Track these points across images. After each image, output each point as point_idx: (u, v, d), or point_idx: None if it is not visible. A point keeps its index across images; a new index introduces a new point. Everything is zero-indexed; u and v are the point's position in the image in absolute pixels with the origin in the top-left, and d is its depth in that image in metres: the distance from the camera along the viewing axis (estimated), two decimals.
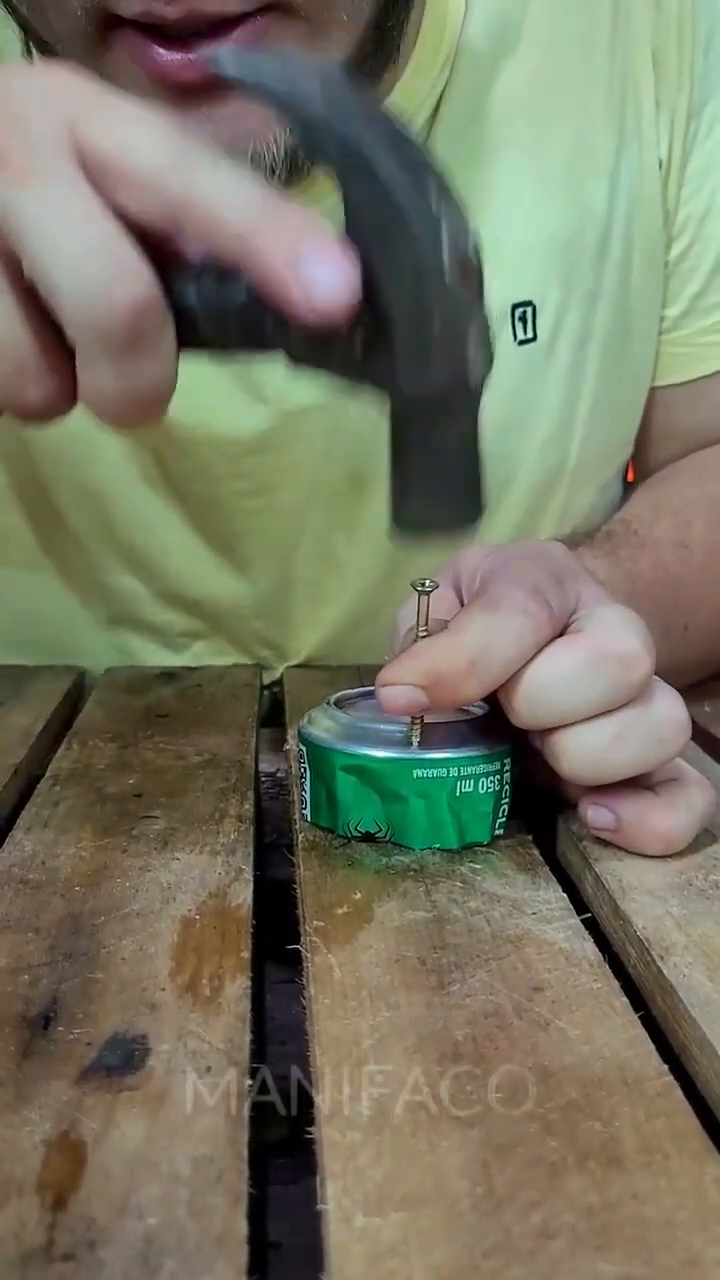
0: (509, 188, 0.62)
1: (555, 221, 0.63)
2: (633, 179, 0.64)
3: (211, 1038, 0.31)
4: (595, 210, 0.63)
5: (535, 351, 0.64)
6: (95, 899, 0.39)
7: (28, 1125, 0.27)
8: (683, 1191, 0.25)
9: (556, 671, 0.39)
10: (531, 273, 0.63)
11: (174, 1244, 0.24)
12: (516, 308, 0.63)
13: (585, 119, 0.63)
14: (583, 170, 0.63)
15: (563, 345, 0.64)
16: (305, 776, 0.44)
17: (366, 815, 0.42)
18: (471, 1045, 0.30)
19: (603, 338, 0.66)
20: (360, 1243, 0.24)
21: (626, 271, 0.65)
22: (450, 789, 0.41)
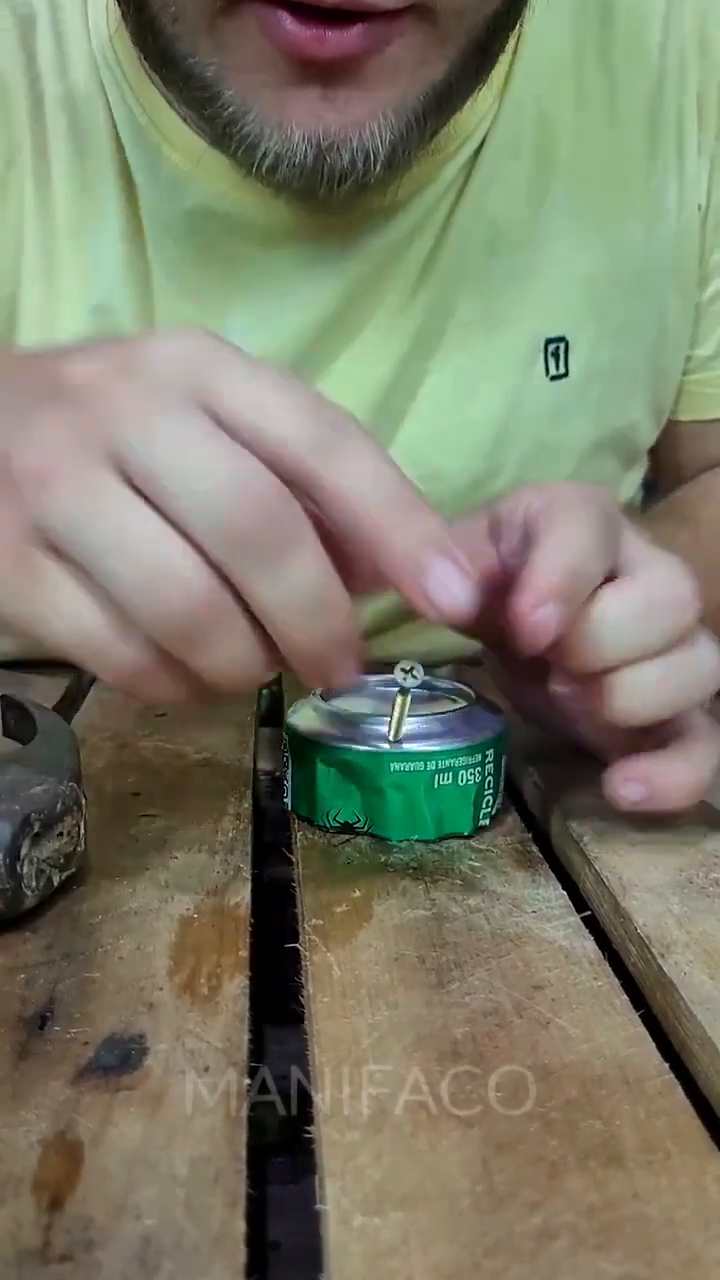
0: (549, 223, 0.62)
1: (592, 259, 0.63)
2: (672, 221, 0.65)
3: (210, 1037, 0.31)
4: (633, 249, 0.64)
5: (567, 387, 0.64)
6: (93, 898, 0.38)
7: (24, 1125, 0.27)
8: (684, 1190, 0.25)
9: (622, 612, 0.38)
10: (566, 309, 0.63)
11: (172, 1245, 0.24)
12: (550, 343, 0.63)
13: (626, 159, 0.63)
14: (621, 210, 0.63)
15: (595, 382, 0.65)
16: (289, 766, 0.45)
17: (345, 806, 0.42)
18: (471, 1044, 0.30)
19: (633, 374, 0.66)
20: (359, 1242, 0.24)
21: (662, 310, 0.66)
22: (427, 782, 0.41)
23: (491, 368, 0.63)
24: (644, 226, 0.64)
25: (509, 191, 0.62)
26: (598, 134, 0.63)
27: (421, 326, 0.62)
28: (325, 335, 0.61)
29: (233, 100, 0.48)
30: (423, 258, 0.61)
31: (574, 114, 0.62)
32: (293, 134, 0.48)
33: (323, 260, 0.59)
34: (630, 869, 0.40)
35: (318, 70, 0.46)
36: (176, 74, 0.50)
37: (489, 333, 0.63)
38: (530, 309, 0.63)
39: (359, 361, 0.62)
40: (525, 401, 0.64)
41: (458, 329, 0.62)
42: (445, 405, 0.63)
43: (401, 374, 0.62)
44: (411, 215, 0.60)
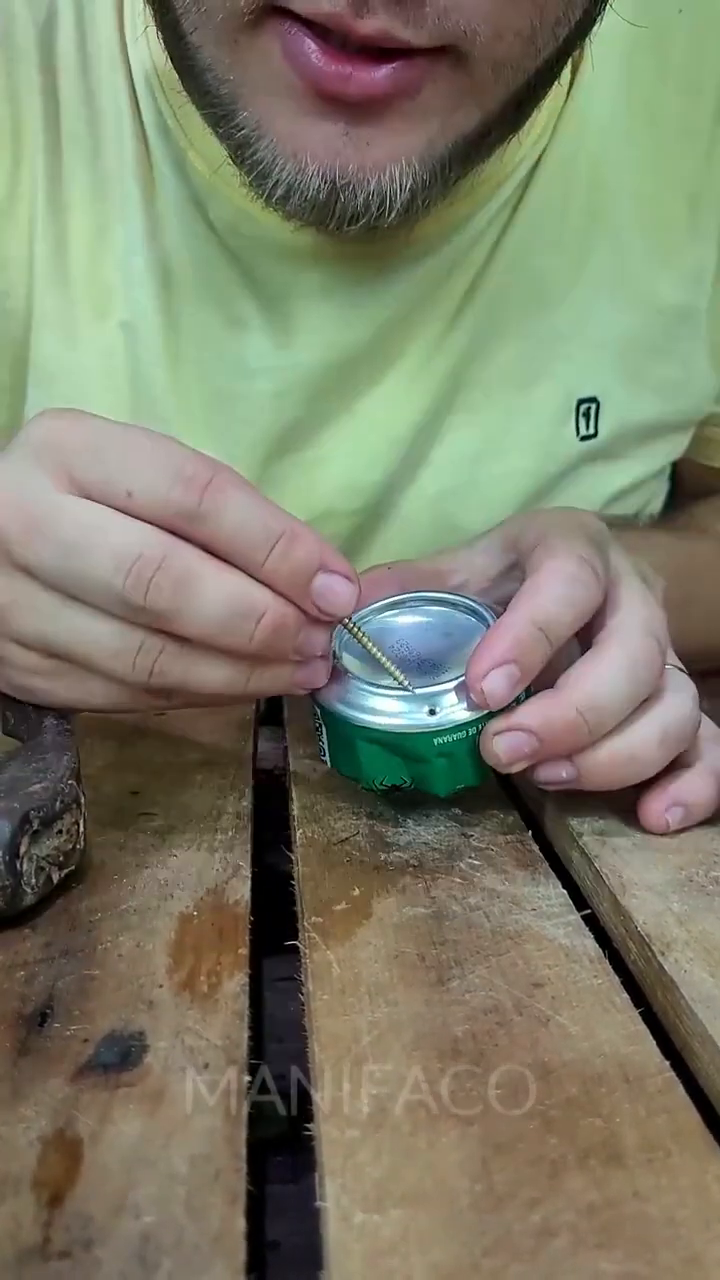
0: (590, 282, 0.62)
1: (628, 320, 0.63)
2: (708, 284, 0.64)
3: (209, 1035, 0.31)
4: (666, 311, 0.63)
5: (594, 449, 0.64)
6: (92, 896, 0.38)
7: (24, 1123, 0.27)
8: (684, 1189, 0.25)
9: (609, 689, 0.40)
10: (599, 369, 0.63)
11: (171, 1243, 0.24)
12: (582, 403, 0.63)
13: (668, 219, 0.62)
14: (659, 270, 0.63)
15: (622, 443, 0.64)
16: (322, 732, 0.44)
17: (391, 772, 0.43)
18: (471, 1042, 0.30)
19: (659, 435, 0.66)
20: (359, 1241, 0.24)
21: (689, 371, 0.65)
22: (470, 744, 0.42)
23: (521, 424, 0.62)
24: (679, 289, 0.63)
25: (554, 247, 0.60)
26: (644, 197, 0.61)
27: (451, 375, 0.61)
28: (349, 372, 0.60)
29: (248, 121, 0.46)
30: (456, 303, 0.60)
31: (623, 175, 0.61)
32: (307, 167, 0.45)
33: (349, 291, 0.58)
34: (630, 867, 0.40)
35: (342, 107, 0.44)
36: (196, 85, 0.48)
37: (521, 388, 0.62)
38: (565, 367, 0.62)
39: (384, 405, 0.61)
40: (553, 460, 0.63)
41: (489, 381, 0.61)
42: (470, 458, 0.62)
43: (427, 422, 0.61)
44: (444, 257, 0.59)
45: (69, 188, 0.58)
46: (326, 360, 0.59)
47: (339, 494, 0.62)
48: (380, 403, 0.61)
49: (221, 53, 0.45)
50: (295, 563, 0.37)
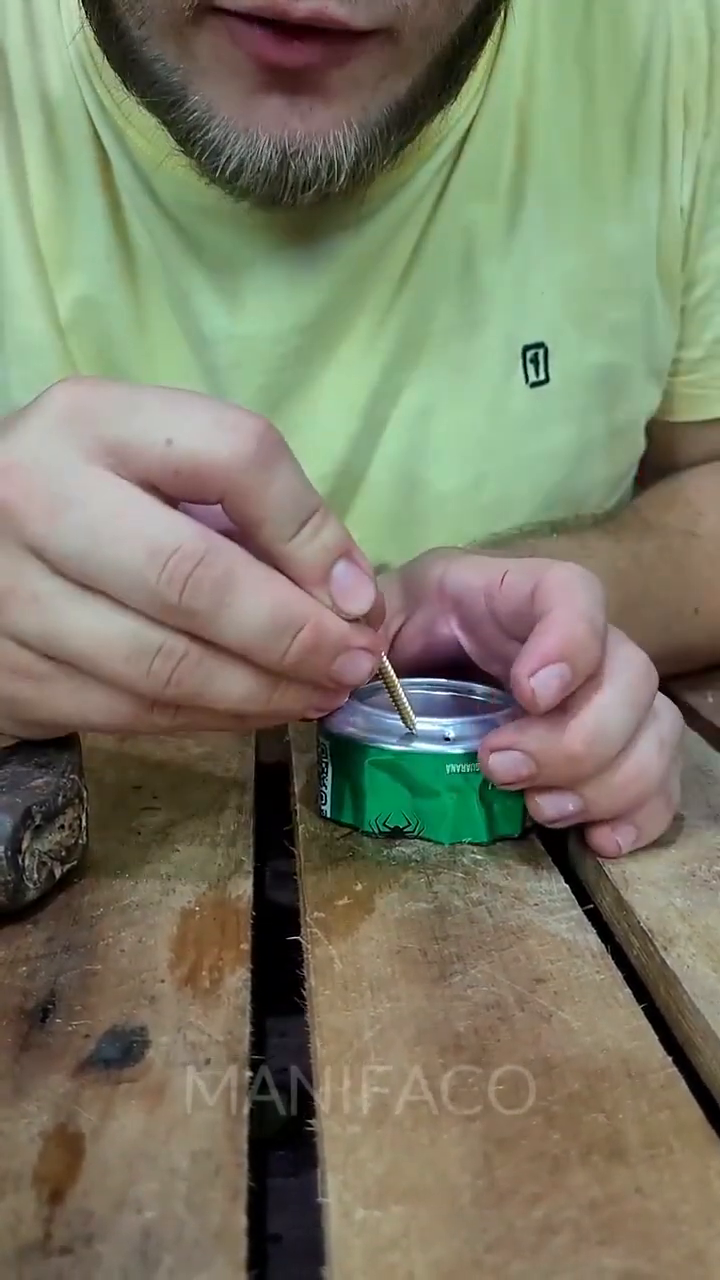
0: (526, 229, 0.62)
1: (572, 263, 0.63)
2: (654, 222, 0.64)
3: (211, 1030, 0.31)
4: (614, 251, 0.63)
5: (549, 394, 0.64)
6: (94, 891, 0.38)
7: (25, 1118, 0.27)
8: (687, 1185, 0.25)
9: (607, 705, 0.40)
10: (545, 314, 0.63)
11: (172, 1238, 0.24)
12: (528, 349, 0.63)
13: (604, 161, 0.62)
14: (601, 213, 0.63)
15: (577, 386, 0.64)
16: (327, 772, 0.43)
17: (395, 810, 0.42)
18: (473, 1037, 0.30)
19: (627, 376, 0.66)
20: (361, 1236, 0.23)
21: (648, 310, 0.65)
22: (482, 783, 0.41)
23: (469, 377, 0.63)
24: (625, 229, 0.63)
25: (488, 197, 0.61)
26: (575, 138, 0.62)
27: (402, 335, 0.61)
28: (304, 339, 0.60)
29: (198, 105, 0.48)
30: (402, 265, 0.61)
31: (552, 118, 0.62)
32: (258, 139, 0.47)
33: (297, 258, 0.59)
34: (633, 862, 0.40)
35: (284, 78, 0.46)
36: (141, 77, 0.50)
37: (466, 340, 0.62)
38: (506, 316, 0.62)
39: (342, 371, 0.61)
40: (506, 409, 0.63)
41: (436, 337, 0.62)
42: (426, 415, 0.63)
43: (383, 383, 0.62)
44: (388, 216, 0.59)
45: (29, 164, 0.59)
46: (279, 329, 0.60)
47: (306, 464, 0.62)
48: (338, 370, 0.61)
49: (169, 45, 0.47)
50: (323, 538, 0.35)
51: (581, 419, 0.65)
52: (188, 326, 0.60)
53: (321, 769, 0.44)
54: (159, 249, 0.59)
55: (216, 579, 0.33)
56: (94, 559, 0.33)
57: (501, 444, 0.63)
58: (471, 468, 0.63)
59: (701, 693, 0.60)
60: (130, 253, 0.60)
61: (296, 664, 0.35)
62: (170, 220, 0.59)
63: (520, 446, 0.64)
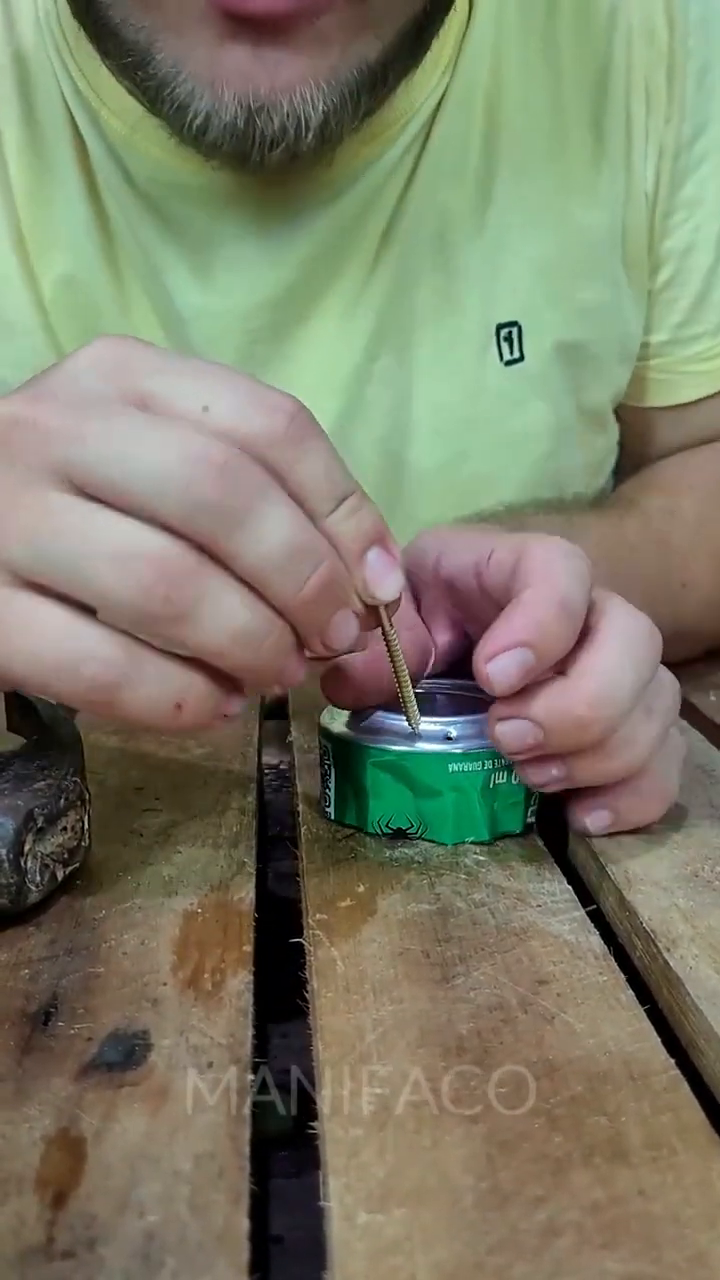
0: (496, 210, 0.63)
1: (542, 245, 0.63)
2: (620, 207, 0.65)
3: (213, 1032, 0.30)
4: (583, 235, 0.64)
5: (523, 372, 0.64)
6: (96, 892, 0.38)
7: (27, 1121, 0.27)
8: (690, 1187, 0.25)
9: (611, 668, 0.39)
10: (518, 294, 0.64)
11: (175, 1241, 0.23)
12: (501, 328, 0.64)
13: (572, 147, 0.63)
14: (570, 197, 0.64)
15: (554, 363, 0.65)
16: (330, 774, 0.43)
17: (398, 811, 0.42)
18: (476, 1039, 0.30)
19: (600, 357, 0.66)
20: (363, 1239, 0.23)
21: (617, 297, 0.66)
22: (483, 782, 0.41)
23: (444, 357, 0.63)
24: (592, 213, 0.64)
25: (458, 179, 0.62)
26: (542, 124, 0.63)
27: (378, 317, 0.62)
28: (275, 314, 0.61)
29: (164, 63, 0.49)
30: (375, 245, 0.61)
31: (520, 102, 0.62)
32: (223, 94, 0.48)
33: (267, 233, 0.60)
34: (636, 863, 0.40)
35: (248, 28, 0.47)
36: (109, 40, 0.50)
37: (440, 321, 0.63)
38: (480, 296, 0.63)
39: (318, 351, 0.62)
40: (482, 388, 0.64)
41: (412, 318, 0.63)
42: (404, 395, 0.63)
43: (361, 365, 0.62)
44: (358, 194, 0.60)
45: (7, 146, 0.60)
46: (249, 303, 0.61)
47: None
48: (313, 349, 0.62)
49: (132, 3, 0.48)
50: (358, 523, 0.35)
51: (556, 398, 0.66)
52: (162, 304, 0.61)
53: (325, 771, 0.44)
54: (133, 228, 0.60)
55: (248, 490, 0.32)
56: (122, 463, 0.32)
57: (479, 422, 0.64)
58: (451, 446, 0.64)
59: (703, 691, 0.60)
60: (108, 233, 0.61)
61: (308, 601, 0.33)
62: (143, 199, 0.60)
63: (498, 424, 0.65)
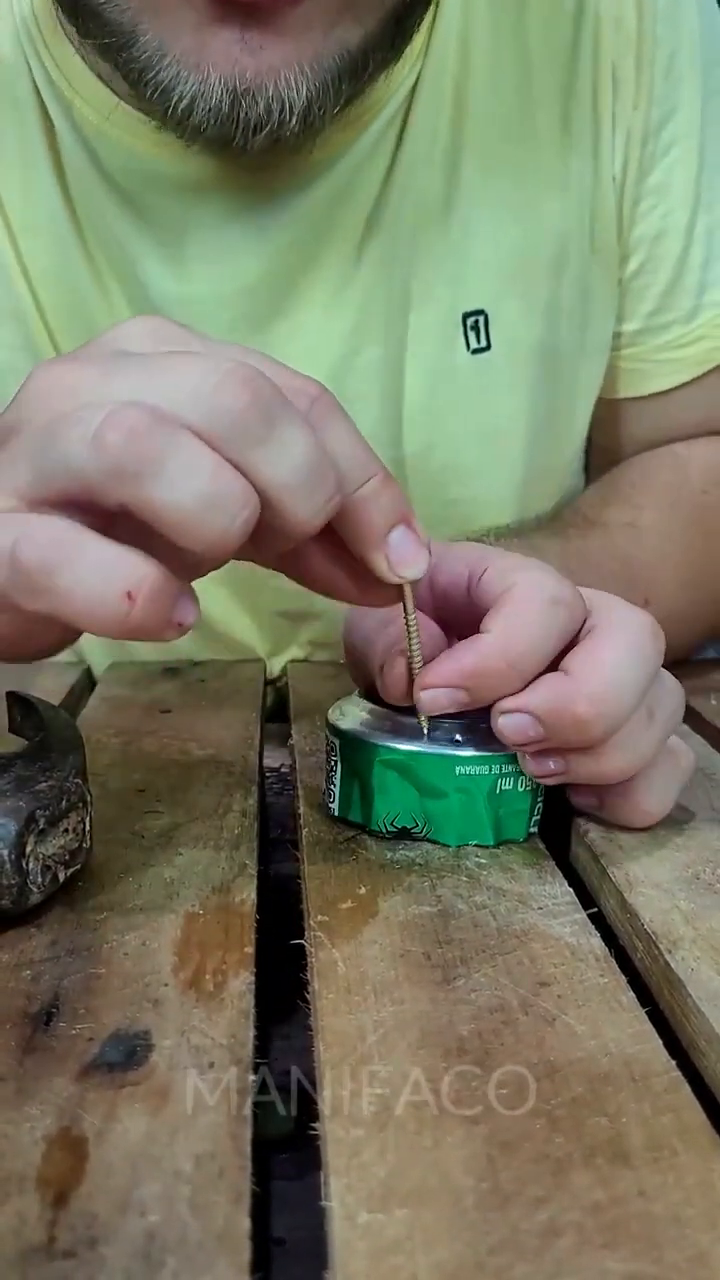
0: (463, 199, 0.63)
1: (509, 235, 0.63)
2: (589, 195, 0.65)
3: (214, 1033, 0.31)
4: (552, 225, 0.64)
5: (490, 360, 0.64)
6: (98, 894, 0.38)
7: (29, 1121, 0.27)
8: (691, 1188, 0.25)
9: (612, 665, 0.39)
10: (485, 284, 0.64)
11: (176, 1241, 0.24)
12: (468, 316, 0.64)
13: (540, 135, 0.63)
14: (538, 186, 0.64)
15: (522, 355, 0.65)
16: (336, 770, 0.43)
17: (403, 810, 0.42)
18: (477, 1041, 0.30)
19: (563, 349, 0.66)
20: (364, 1239, 0.23)
21: (585, 285, 0.66)
22: (490, 786, 0.41)
23: (415, 346, 0.63)
24: (560, 203, 0.64)
25: (428, 167, 0.62)
26: (511, 111, 0.63)
27: (362, 306, 0.62)
28: (253, 302, 0.61)
29: (149, 45, 0.49)
30: (359, 234, 0.62)
31: (487, 89, 0.62)
32: (210, 76, 0.48)
33: (242, 221, 0.60)
34: (637, 865, 0.40)
35: (235, 11, 0.47)
36: (90, 20, 0.50)
37: (412, 310, 0.63)
38: (448, 284, 0.63)
39: (299, 341, 0.62)
40: (448, 376, 0.64)
41: (386, 307, 0.63)
42: (379, 385, 0.63)
43: (346, 355, 0.63)
44: (333, 181, 0.60)
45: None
46: (227, 290, 0.61)
47: None
48: (296, 340, 0.62)
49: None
50: (383, 502, 0.35)
51: (524, 389, 0.65)
52: (138, 293, 0.61)
53: (330, 767, 0.44)
54: (105, 218, 0.60)
55: (273, 404, 0.32)
56: (151, 382, 0.32)
57: (447, 411, 0.64)
58: (419, 436, 0.64)
59: (704, 695, 0.60)
60: (78, 222, 0.61)
61: (309, 519, 0.33)
62: (116, 189, 0.60)
63: (466, 415, 0.65)
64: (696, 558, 0.65)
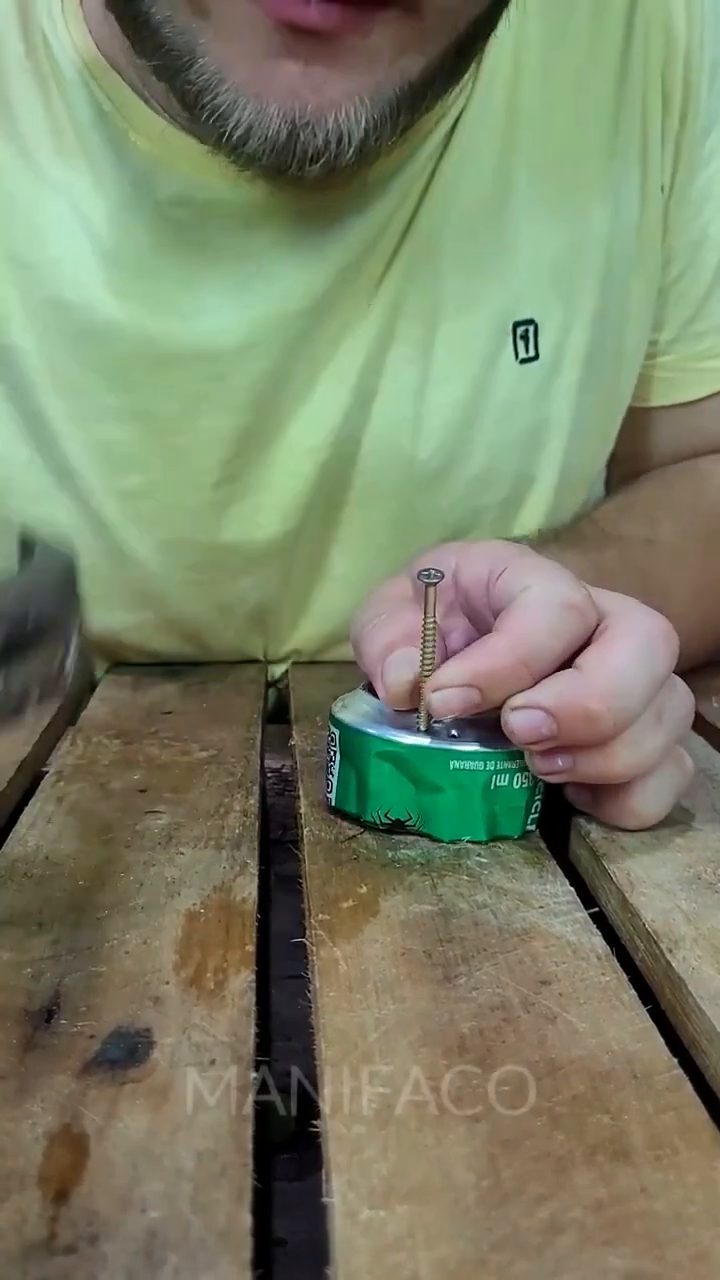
0: (514, 206, 0.63)
1: (557, 243, 0.63)
2: (635, 204, 0.65)
3: (215, 1031, 0.31)
4: (597, 233, 0.64)
5: (538, 370, 0.64)
6: (99, 893, 0.38)
7: (30, 1118, 0.27)
8: (692, 1185, 0.25)
9: (624, 664, 0.40)
10: (534, 291, 0.63)
11: (178, 1238, 0.23)
12: (518, 325, 0.63)
13: (588, 143, 0.63)
14: (584, 193, 0.64)
15: (567, 364, 0.65)
16: (335, 761, 0.44)
17: (397, 803, 0.42)
18: (478, 1039, 0.30)
19: (604, 356, 0.66)
20: (366, 1236, 0.23)
21: (626, 294, 0.66)
22: (485, 782, 0.41)
23: (460, 352, 0.63)
24: (607, 211, 0.64)
25: (478, 175, 0.62)
26: (560, 118, 0.63)
27: (390, 310, 0.62)
28: (308, 324, 0.61)
29: (207, 68, 0.48)
30: (396, 239, 0.61)
31: (539, 99, 0.62)
32: (268, 106, 0.47)
33: (302, 245, 0.59)
34: (638, 864, 0.40)
35: (300, 43, 0.46)
36: (148, 39, 0.49)
37: (457, 316, 0.63)
38: (498, 292, 0.63)
39: (337, 347, 0.61)
40: (494, 385, 0.64)
41: (426, 312, 0.62)
42: (414, 390, 0.63)
43: (373, 355, 0.62)
44: (389, 201, 0.60)
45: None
46: (284, 314, 0.60)
47: (308, 444, 0.63)
48: (333, 347, 0.61)
49: (182, 3, 0.47)
50: None
51: (567, 400, 0.65)
52: (189, 323, 0.60)
53: (330, 757, 0.44)
54: (155, 251, 0.59)
55: None
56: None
57: (488, 420, 0.64)
58: (457, 444, 0.64)
59: (706, 698, 0.60)
60: (110, 256, 0.59)
61: None
62: (170, 222, 0.59)
63: (511, 423, 0.64)
64: (712, 573, 0.66)
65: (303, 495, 0.63)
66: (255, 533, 0.64)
